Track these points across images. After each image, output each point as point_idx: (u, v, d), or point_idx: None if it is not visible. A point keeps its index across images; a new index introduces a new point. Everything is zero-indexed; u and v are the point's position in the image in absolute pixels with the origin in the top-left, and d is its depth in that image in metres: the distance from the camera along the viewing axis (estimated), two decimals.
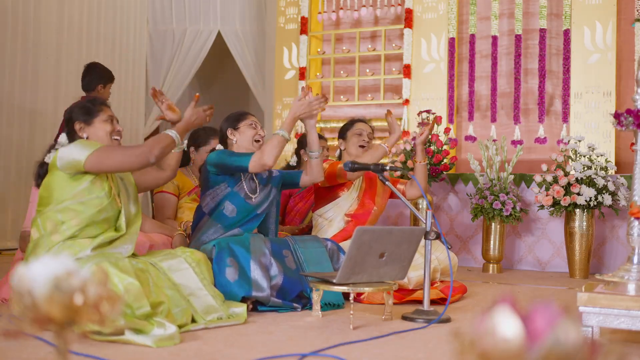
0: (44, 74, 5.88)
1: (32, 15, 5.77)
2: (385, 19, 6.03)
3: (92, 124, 2.67)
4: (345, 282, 2.64)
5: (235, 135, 3.27)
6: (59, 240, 2.49)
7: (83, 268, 0.99)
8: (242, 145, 3.26)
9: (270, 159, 3.05)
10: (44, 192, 2.58)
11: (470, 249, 5.27)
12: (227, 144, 3.30)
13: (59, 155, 2.53)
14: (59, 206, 2.52)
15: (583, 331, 1.19)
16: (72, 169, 2.52)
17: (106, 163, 2.51)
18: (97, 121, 2.67)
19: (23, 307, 0.95)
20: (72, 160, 2.50)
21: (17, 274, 0.97)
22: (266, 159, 3.05)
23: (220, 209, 3.18)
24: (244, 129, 3.26)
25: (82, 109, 2.69)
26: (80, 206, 2.53)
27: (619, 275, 2.49)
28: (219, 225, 3.18)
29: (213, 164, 3.17)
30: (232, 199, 3.18)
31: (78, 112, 2.69)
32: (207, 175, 3.22)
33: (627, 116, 2.47)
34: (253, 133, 3.25)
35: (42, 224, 2.52)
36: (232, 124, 3.29)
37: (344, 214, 3.65)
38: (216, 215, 3.19)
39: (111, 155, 2.52)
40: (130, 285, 2.27)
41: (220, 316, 2.60)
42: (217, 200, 3.18)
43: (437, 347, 2.31)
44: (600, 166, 4.60)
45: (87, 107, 2.70)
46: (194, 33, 7.18)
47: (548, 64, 5.36)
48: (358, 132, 3.72)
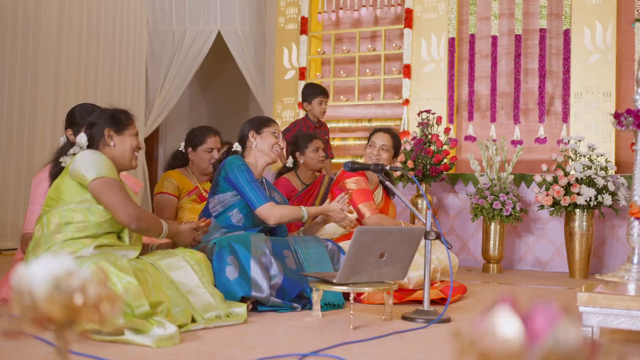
0: (44, 74, 5.88)
1: (32, 15, 5.77)
2: (385, 19, 6.03)
3: (122, 134, 2.68)
4: (345, 282, 2.64)
5: (256, 139, 3.25)
6: (61, 239, 2.49)
7: (82, 267, 0.99)
8: (261, 150, 3.25)
9: (273, 221, 3.10)
10: (53, 194, 2.58)
11: (470, 249, 5.27)
12: (246, 145, 3.28)
13: (73, 164, 2.54)
14: (66, 207, 2.52)
15: (583, 331, 1.19)
16: (78, 180, 2.53)
17: (102, 197, 2.51)
18: (127, 133, 2.69)
19: (23, 307, 0.95)
20: (80, 175, 2.51)
21: (17, 274, 0.97)
22: (273, 219, 3.10)
23: (228, 215, 3.19)
24: (266, 135, 3.25)
25: (114, 117, 2.70)
26: (86, 212, 2.53)
27: (619, 275, 2.49)
28: (223, 229, 3.18)
29: (228, 178, 3.15)
30: (241, 209, 3.18)
31: (110, 119, 2.69)
32: (218, 178, 3.20)
33: (627, 116, 2.47)
34: (274, 141, 3.23)
35: (47, 222, 2.52)
36: (256, 127, 3.27)
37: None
38: (222, 220, 3.19)
39: (110, 194, 2.52)
40: (129, 285, 2.26)
41: (219, 314, 2.59)
42: (226, 206, 3.18)
43: (437, 347, 2.31)
44: (600, 166, 4.61)
45: (121, 117, 2.71)
46: (194, 33, 7.18)
47: (548, 64, 5.36)
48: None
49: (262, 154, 3.25)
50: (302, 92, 4.98)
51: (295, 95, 6.08)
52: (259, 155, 3.26)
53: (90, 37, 6.43)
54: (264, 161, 3.27)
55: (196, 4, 7.19)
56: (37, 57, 5.82)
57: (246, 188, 3.11)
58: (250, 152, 3.27)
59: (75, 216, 2.51)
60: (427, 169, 4.89)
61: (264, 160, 3.26)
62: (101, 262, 2.28)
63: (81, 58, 6.31)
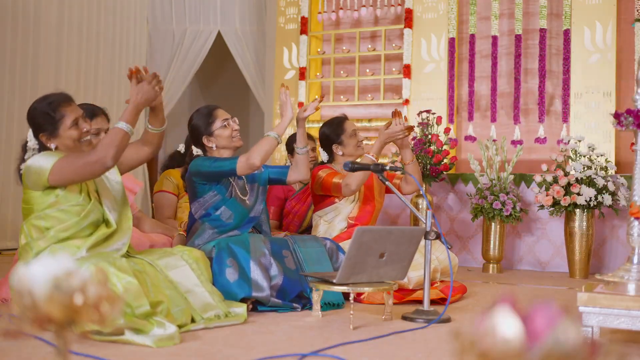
0: (44, 74, 5.88)
1: (32, 15, 5.77)
2: (385, 19, 6.03)
3: (57, 135, 2.53)
4: (345, 282, 2.64)
5: (212, 142, 3.16)
6: (46, 245, 2.47)
7: (82, 267, 0.99)
8: (223, 147, 3.22)
9: (257, 159, 3.00)
10: (24, 204, 2.55)
11: (470, 249, 5.27)
12: (206, 149, 3.21)
13: (25, 174, 2.49)
14: (41, 214, 2.50)
15: (583, 331, 1.19)
16: (38, 187, 2.48)
17: (67, 177, 2.45)
18: (62, 130, 2.53)
19: (23, 307, 0.95)
20: (35, 180, 2.46)
21: (17, 274, 0.97)
22: (254, 160, 3.01)
23: (216, 214, 3.16)
24: (219, 132, 3.15)
25: (44, 117, 2.53)
26: (62, 214, 2.50)
27: (619, 275, 2.49)
28: (214, 229, 3.17)
29: (197, 173, 3.12)
30: (229, 206, 3.17)
31: (41, 120, 2.53)
32: (193, 185, 3.16)
33: (627, 116, 2.47)
34: (229, 133, 3.15)
35: (28, 231, 2.51)
36: (205, 132, 3.19)
37: (345, 217, 3.65)
38: (210, 221, 3.17)
39: (68, 170, 2.44)
40: (129, 285, 2.26)
41: (218, 314, 2.59)
42: (207, 207, 3.15)
43: (437, 347, 2.31)
44: (600, 166, 4.61)
45: (49, 115, 2.52)
46: (194, 33, 7.18)
47: (548, 64, 5.36)
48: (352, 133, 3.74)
49: (225, 150, 3.22)
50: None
51: (296, 95, 6.08)
52: (223, 152, 3.22)
53: (90, 37, 6.43)
54: (229, 153, 3.23)
55: (196, 4, 7.19)
56: (37, 56, 5.81)
57: (215, 166, 3.07)
58: (213, 152, 3.22)
59: (52, 220, 2.48)
60: (427, 169, 4.88)
61: (228, 153, 3.22)
62: (100, 262, 2.28)
63: (81, 58, 6.31)
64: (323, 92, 6.16)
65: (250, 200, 3.24)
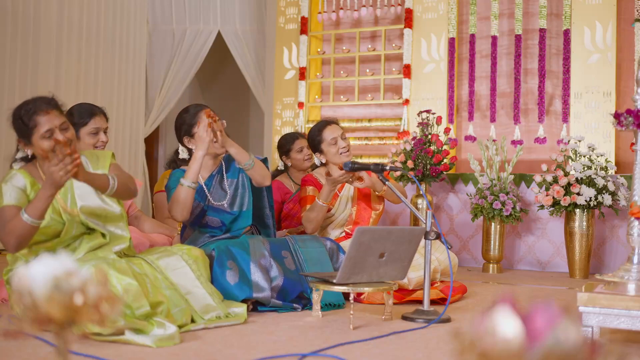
0: (44, 74, 5.88)
1: (32, 15, 5.77)
2: (385, 19, 6.03)
3: (31, 145, 2.41)
4: (345, 282, 2.64)
5: (192, 143, 3.12)
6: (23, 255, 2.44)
7: (81, 269, 0.99)
8: (331, 161, 3.56)
9: (177, 217, 3.02)
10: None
11: (470, 249, 5.27)
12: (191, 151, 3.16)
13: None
14: None
15: (583, 331, 1.19)
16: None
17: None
18: (34, 139, 2.38)
19: (23, 307, 0.95)
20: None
21: (17, 274, 0.97)
22: (175, 217, 3.04)
23: (204, 222, 3.16)
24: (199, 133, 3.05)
25: (17, 124, 2.41)
26: (38, 236, 2.42)
27: (619, 275, 2.49)
28: (206, 234, 3.17)
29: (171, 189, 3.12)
30: (211, 213, 3.15)
31: (16, 126, 2.41)
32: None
33: (627, 116, 2.47)
34: (210, 138, 3.01)
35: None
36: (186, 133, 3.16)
37: (343, 225, 3.64)
38: (202, 227, 3.18)
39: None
40: (129, 286, 2.26)
41: (218, 315, 2.59)
42: (196, 215, 3.14)
43: (437, 347, 2.31)
44: (600, 166, 4.61)
45: (23, 123, 2.38)
46: (194, 33, 7.18)
47: (548, 64, 5.36)
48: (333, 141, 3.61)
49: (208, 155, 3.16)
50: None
51: (295, 95, 6.08)
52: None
53: (90, 37, 6.43)
54: (209, 158, 3.18)
55: (196, 4, 7.19)
56: (37, 56, 5.81)
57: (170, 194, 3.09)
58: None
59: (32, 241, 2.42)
60: (427, 169, 4.88)
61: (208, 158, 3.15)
62: (100, 264, 2.28)
63: (81, 58, 6.31)
64: (323, 92, 6.17)
65: (228, 204, 3.18)
